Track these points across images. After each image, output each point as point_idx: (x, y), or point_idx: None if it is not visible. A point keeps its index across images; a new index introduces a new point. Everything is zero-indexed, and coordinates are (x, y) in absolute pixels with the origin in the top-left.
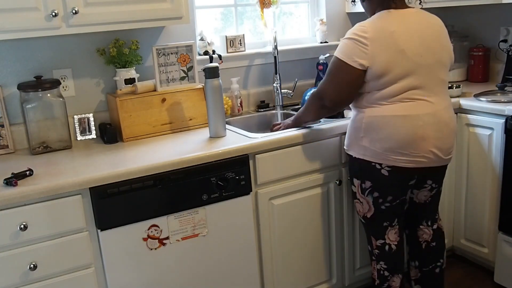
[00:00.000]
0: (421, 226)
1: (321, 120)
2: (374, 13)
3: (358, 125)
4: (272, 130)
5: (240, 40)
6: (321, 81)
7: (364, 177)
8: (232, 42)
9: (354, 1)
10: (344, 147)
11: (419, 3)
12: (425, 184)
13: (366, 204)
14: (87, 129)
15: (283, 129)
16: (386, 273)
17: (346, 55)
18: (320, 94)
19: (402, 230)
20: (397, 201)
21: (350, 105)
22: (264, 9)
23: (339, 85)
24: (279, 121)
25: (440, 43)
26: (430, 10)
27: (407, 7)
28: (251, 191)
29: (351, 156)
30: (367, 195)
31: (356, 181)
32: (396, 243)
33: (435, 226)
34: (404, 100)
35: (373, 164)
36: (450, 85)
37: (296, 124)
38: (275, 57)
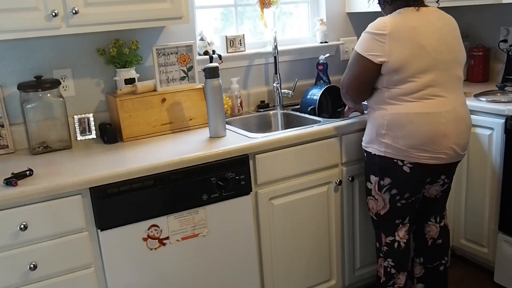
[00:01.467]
0: (429, 222)
1: (321, 120)
2: (392, 11)
3: (380, 122)
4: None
5: (240, 40)
6: (344, 74)
7: (384, 174)
8: (232, 42)
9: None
10: (363, 144)
11: (436, 2)
12: (439, 179)
13: (382, 201)
14: (87, 129)
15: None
16: (393, 271)
17: (364, 49)
18: (342, 85)
19: (411, 228)
20: (412, 198)
21: (369, 103)
22: (264, 9)
23: (355, 78)
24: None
25: (457, 41)
26: None
27: (425, 6)
28: (251, 191)
29: (370, 153)
30: (385, 192)
31: (374, 178)
32: (405, 240)
33: (442, 223)
34: (425, 97)
35: (395, 161)
36: None
37: (347, 112)
38: (275, 57)
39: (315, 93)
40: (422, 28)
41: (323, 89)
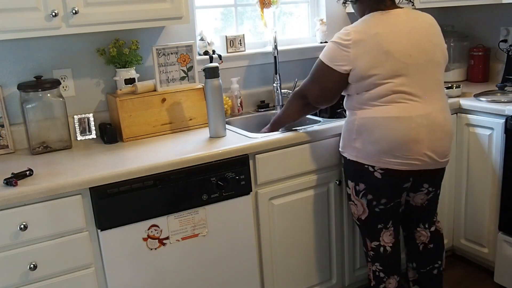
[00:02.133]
0: (418, 229)
1: (321, 120)
2: (363, 15)
3: (350, 127)
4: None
5: (240, 40)
6: (304, 81)
7: (358, 179)
8: (232, 42)
9: (345, 3)
10: (339, 149)
11: (411, 4)
12: (422, 188)
13: (361, 206)
14: (87, 129)
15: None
16: (382, 275)
17: (328, 58)
18: (304, 93)
19: (398, 232)
20: (391, 203)
21: (344, 107)
22: (264, 9)
23: (321, 86)
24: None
25: (431, 42)
26: (429, 10)
27: (397, 7)
28: (251, 191)
29: (345, 158)
30: (361, 197)
31: (350, 183)
32: (391, 245)
33: (432, 229)
34: (396, 101)
35: (366, 166)
36: (450, 85)
37: (272, 129)
38: (275, 57)
39: None
40: (386, 33)
41: None
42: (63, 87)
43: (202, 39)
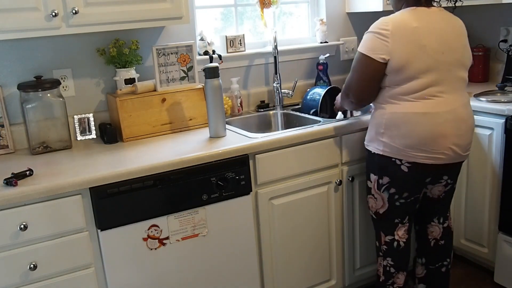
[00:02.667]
0: (432, 223)
1: (321, 120)
2: (400, 9)
3: (379, 121)
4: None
5: (240, 40)
6: (347, 77)
7: (382, 173)
8: (232, 42)
9: None
10: (365, 142)
11: (453, 3)
12: (441, 180)
13: (381, 200)
14: (87, 129)
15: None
16: (392, 270)
17: (368, 48)
18: (346, 90)
19: (411, 228)
20: (411, 198)
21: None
22: (264, 9)
23: (362, 79)
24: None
25: (461, 43)
26: None
27: (432, 6)
28: (251, 191)
29: (370, 151)
30: (383, 191)
31: (373, 177)
32: (404, 240)
33: (445, 224)
34: (425, 97)
35: (393, 160)
36: None
37: (340, 108)
38: (275, 57)
39: (317, 93)
40: (423, 28)
41: (326, 90)
42: (63, 87)
43: (202, 39)
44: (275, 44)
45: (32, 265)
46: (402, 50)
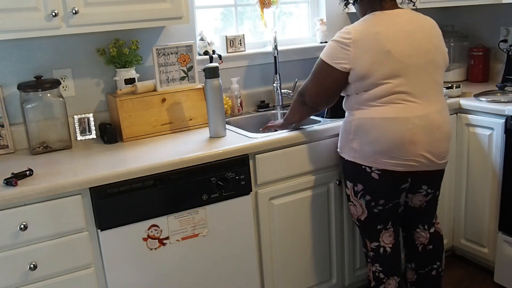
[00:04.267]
0: (417, 230)
1: (320, 120)
2: (365, 14)
3: (348, 127)
4: (263, 131)
5: (240, 40)
6: (306, 80)
7: (356, 180)
8: (232, 42)
9: (346, 5)
10: (338, 149)
11: (413, 5)
12: (420, 189)
13: (360, 207)
14: (87, 129)
15: (273, 130)
16: (382, 275)
17: (329, 56)
18: (302, 91)
19: (398, 232)
20: (389, 204)
21: (343, 107)
22: (264, 9)
23: (320, 85)
24: (272, 122)
25: (431, 43)
26: (430, 10)
27: (398, 8)
28: (251, 191)
29: (343, 158)
30: (360, 198)
31: (349, 184)
32: (391, 245)
33: (432, 230)
34: (394, 102)
35: (363, 167)
36: (450, 85)
37: (284, 126)
38: (275, 57)
39: None
40: (386, 33)
41: None
42: (63, 87)
43: (202, 39)
44: (275, 44)
45: (32, 265)
46: (364, 57)
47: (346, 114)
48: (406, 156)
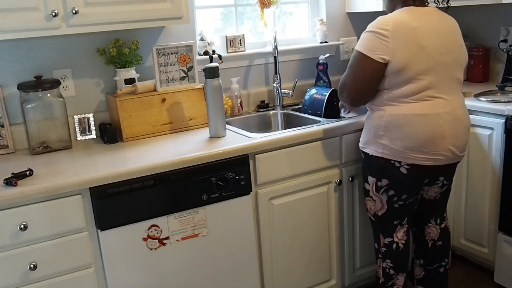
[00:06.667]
0: (429, 224)
1: (320, 120)
2: (394, 10)
3: (378, 123)
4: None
5: (240, 40)
6: (343, 76)
7: (380, 175)
8: (232, 42)
9: None
10: (360, 145)
11: (446, 3)
12: (437, 181)
13: (379, 202)
14: (87, 129)
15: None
16: (392, 272)
17: (367, 48)
18: (340, 88)
19: (410, 229)
20: (410, 199)
21: (370, 103)
22: (264, 9)
23: (358, 79)
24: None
25: (457, 42)
26: None
27: (426, 5)
28: (251, 191)
29: (367, 154)
30: (382, 193)
31: (371, 179)
32: (403, 242)
33: (443, 225)
34: (424, 99)
35: (392, 162)
36: None
37: (341, 106)
38: (275, 57)
39: (319, 93)
40: (422, 28)
41: (329, 92)
42: (63, 87)
43: (202, 39)
44: (275, 44)
45: (32, 265)
46: (403, 50)
47: (373, 110)
48: (436, 151)
